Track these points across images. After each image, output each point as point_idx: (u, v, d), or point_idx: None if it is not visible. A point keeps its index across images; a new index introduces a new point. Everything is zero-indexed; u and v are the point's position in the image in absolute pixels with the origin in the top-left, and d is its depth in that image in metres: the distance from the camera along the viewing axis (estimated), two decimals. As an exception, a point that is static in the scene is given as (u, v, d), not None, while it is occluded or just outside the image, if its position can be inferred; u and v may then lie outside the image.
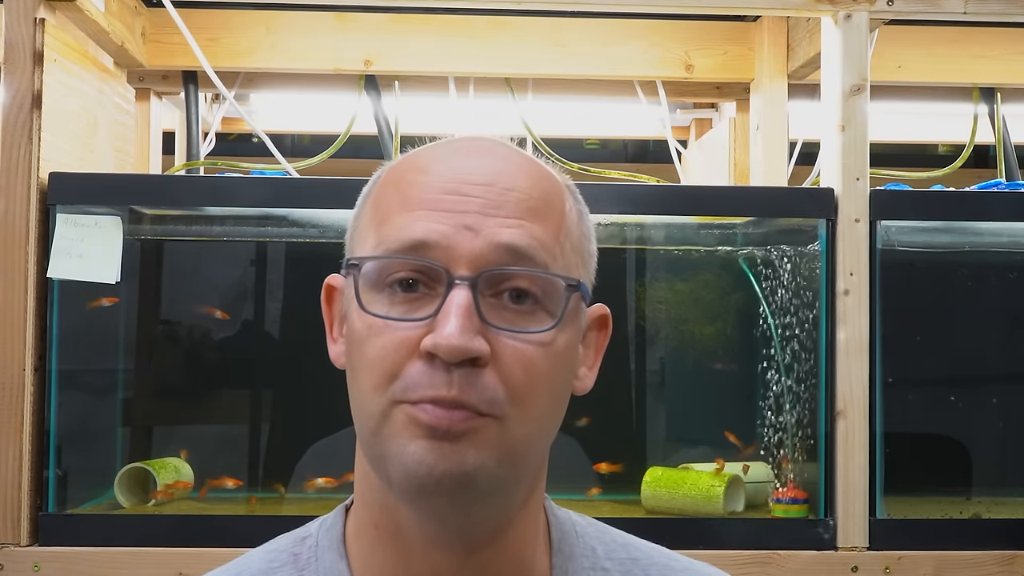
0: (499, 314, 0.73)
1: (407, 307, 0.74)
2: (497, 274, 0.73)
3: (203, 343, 1.98)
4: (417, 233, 0.74)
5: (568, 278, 0.76)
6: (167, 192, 1.78)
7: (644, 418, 2.04)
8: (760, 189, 2.01)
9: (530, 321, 0.74)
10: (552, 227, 0.77)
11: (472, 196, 0.75)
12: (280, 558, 0.82)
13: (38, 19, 1.64)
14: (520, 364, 0.73)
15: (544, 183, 0.79)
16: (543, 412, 0.76)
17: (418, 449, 0.71)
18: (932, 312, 1.96)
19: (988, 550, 1.70)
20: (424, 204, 0.75)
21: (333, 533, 0.82)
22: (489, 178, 0.76)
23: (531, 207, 0.76)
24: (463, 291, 0.72)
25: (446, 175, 0.76)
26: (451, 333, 0.70)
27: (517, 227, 0.74)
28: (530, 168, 0.80)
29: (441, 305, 0.72)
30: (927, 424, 1.97)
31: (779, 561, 1.67)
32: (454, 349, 0.70)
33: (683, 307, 1.98)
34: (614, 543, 0.87)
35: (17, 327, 1.62)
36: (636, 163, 3.00)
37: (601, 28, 2.11)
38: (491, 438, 0.72)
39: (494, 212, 0.74)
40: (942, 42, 2.13)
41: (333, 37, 2.07)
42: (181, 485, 1.82)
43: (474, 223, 0.74)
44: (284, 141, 2.87)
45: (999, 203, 1.82)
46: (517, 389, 0.73)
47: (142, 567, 1.62)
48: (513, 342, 0.73)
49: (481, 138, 0.83)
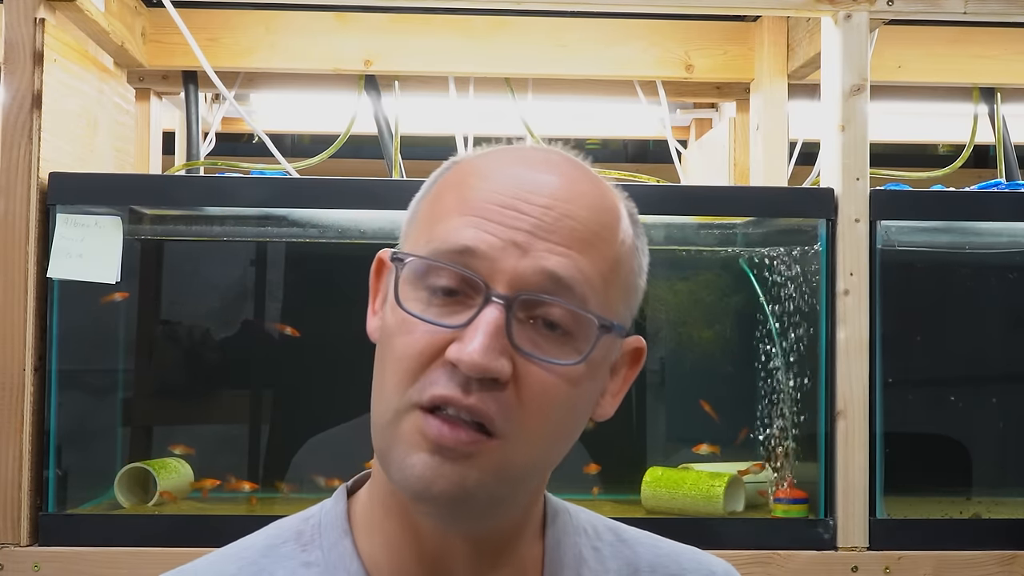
0: (529, 337, 0.74)
1: (443, 310, 0.74)
2: (533, 300, 0.74)
3: (203, 343, 1.98)
4: (466, 238, 0.74)
5: (603, 318, 0.76)
6: (167, 192, 1.78)
7: (644, 418, 2.04)
8: (760, 189, 2.01)
9: (558, 351, 0.75)
10: (600, 262, 0.76)
11: (528, 215, 0.74)
12: (284, 535, 0.84)
13: (38, 19, 1.64)
14: (540, 391, 0.74)
15: (604, 215, 0.78)
16: (550, 440, 0.77)
17: (418, 463, 0.73)
18: (932, 312, 1.96)
19: (988, 550, 1.70)
20: (479, 211, 0.75)
21: (336, 512, 0.84)
22: (549, 200, 0.75)
23: (584, 238, 0.76)
24: (496, 310, 0.72)
25: (507, 186, 0.76)
26: (475, 349, 0.71)
27: (565, 256, 0.74)
28: (594, 196, 0.79)
29: (473, 318, 0.73)
30: (927, 424, 1.97)
31: (779, 561, 1.67)
32: (476, 366, 0.71)
33: (683, 307, 1.98)
34: (604, 526, 0.90)
35: (17, 327, 1.62)
36: (636, 163, 3.00)
37: (601, 28, 2.11)
38: (494, 461, 0.74)
39: (546, 235, 0.74)
40: (942, 42, 2.13)
41: (333, 37, 2.07)
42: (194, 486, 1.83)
43: (524, 241, 0.74)
44: (284, 141, 2.87)
45: (999, 203, 1.82)
46: (531, 413, 0.74)
47: (142, 567, 1.62)
48: (536, 368, 0.74)
49: (553, 152, 0.82)
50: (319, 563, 0.81)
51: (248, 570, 0.82)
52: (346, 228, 1.85)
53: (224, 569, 0.83)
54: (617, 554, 0.87)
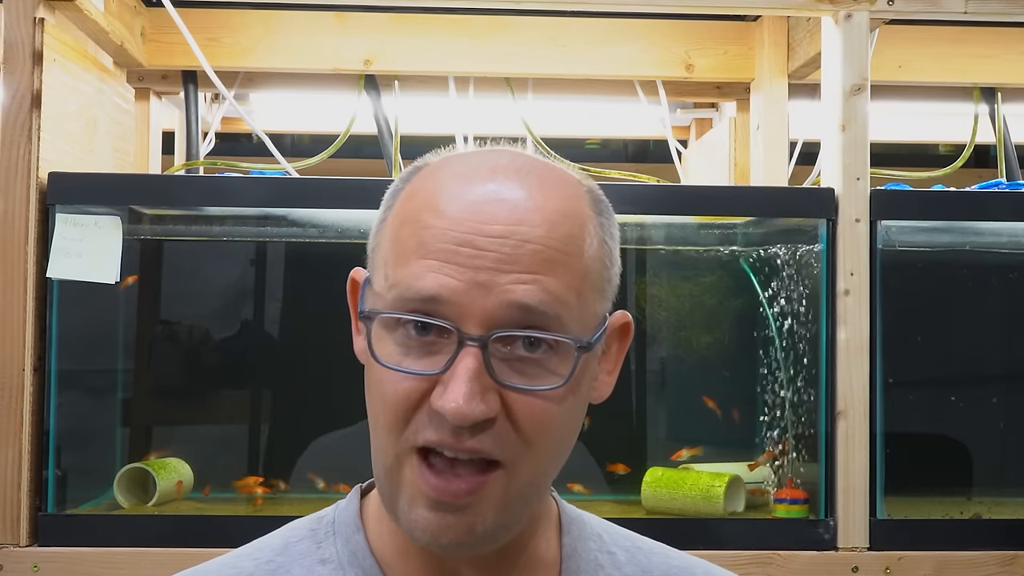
0: (512, 366, 0.74)
1: (420, 352, 0.74)
2: (506, 336, 0.74)
3: (202, 343, 1.98)
4: (430, 286, 0.73)
5: (578, 340, 0.75)
6: (167, 192, 1.78)
7: (644, 418, 2.03)
8: (760, 189, 2.01)
9: (542, 371, 0.75)
10: (567, 277, 0.75)
11: (486, 250, 0.73)
12: (298, 534, 0.86)
13: (38, 19, 1.63)
14: (532, 416, 0.74)
15: (564, 225, 0.76)
16: (551, 453, 0.78)
17: (420, 518, 0.75)
18: (932, 312, 1.96)
19: (988, 550, 1.70)
20: (438, 254, 0.74)
21: (350, 511, 0.85)
22: (505, 229, 0.74)
23: (548, 258, 0.74)
24: (472, 354, 0.72)
25: (462, 222, 0.74)
26: (457, 399, 0.72)
27: (532, 283, 0.73)
28: (551, 208, 0.76)
29: (450, 363, 0.73)
30: (927, 424, 1.97)
31: (779, 561, 1.67)
32: (462, 415, 0.72)
33: (683, 307, 1.98)
34: (618, 534, 0.91)
35: (16, 327, 1.62)
36: (636, 163, 2.99)
37: (601, 28, 2.11)
38: (498, 492, 0.75)
39: (508, 268, 0.73)
40: (942, 42, 2.13)
41: (333, 37, 2.07)
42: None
43: (487, 280, 0.73)
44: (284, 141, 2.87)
45: (999, 203, 1.82)
46: (528, 435, 0.75)
47: (142, 567, 1.62)
48: (524, 396, 0.74)
49: (502, 156, 0.80)
50: (334, 559, 0.83)
51: (265, 568, 0.84)
52: (346, 228, 1.85)
53: (242, 567, 0.84)
54: (632, 560, 0.88)
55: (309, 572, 0.83)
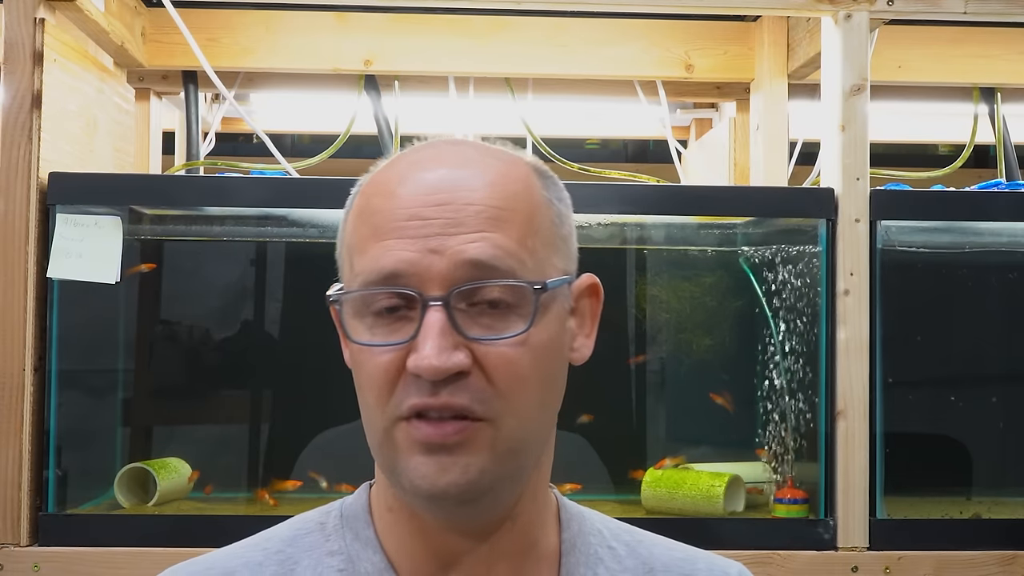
0: (476, 322, 0.77)
1: (390, 328, 0.78)
2: (467, 290, 0.77)
3: (203, 343, 1.98)
4: (387, 264, 0.77)
5: (534, 282, 0.79)
6: (167, 192, 1.78)
7: (644, 418, 2.04)
8: (760, 189, 2.01)
9: (506, 324, 0.78)
10: (515, 231, 0.79)
11: (431, 218, 0.78)
12: (307, 527, 0.87)
13: (38, 19, 1.64)
14: (503, 365, 0.77)
15: (506, 186, 0.81)
16: (534, 404, 0.79)
17: (419, 464, 0.77)
18: (932, 312, 1.96)
19: (988, 550, 1.70)
20: (390, 232, 0.78)
21: (358, 505, 0.87)
22: (447, 196, 0.78)
23: (491, 217, 0.78)
24: (436, 312, 0.76)
25: (407, 199, 0.79)
26: (428, 354, 0.75)
27: (480, 240, 0.77)
28: (491, 172, 0.81)
29: (419, 327, 0.76)
30: (927, 424, 1.97)
31: (779, 561, 1.67)
32: (434, 369, 0.75)
33: (683, 307, 1.98)
34: (619, 529, 0.92)
35: (17, 327, 1.62)
36: (636, 163, 3.00)
37: (601, 28, 2.11)
38: (486, 441, 0.77)
39: (455, 230, 0.77)
40: (942, 42, 2.13)
41: (333, 37, 2.07)
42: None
43: (438, 245, 0.77)
44: (284, 141, 2.87)
45: (999, 203, 1.82)
46: (504, 388, 0.77)
47: (142, 567, 1.62)
48: (493, 347, 0.77)
49: (441, 144, 0.85)
50: (342, 552, 0.84)
51: (274, 559, 0.85)
52: (346, 228, 1.85)
53: (250, 557, 0.86)
54: (633, 553, 0.89)
55: (318, 564, 0.84)
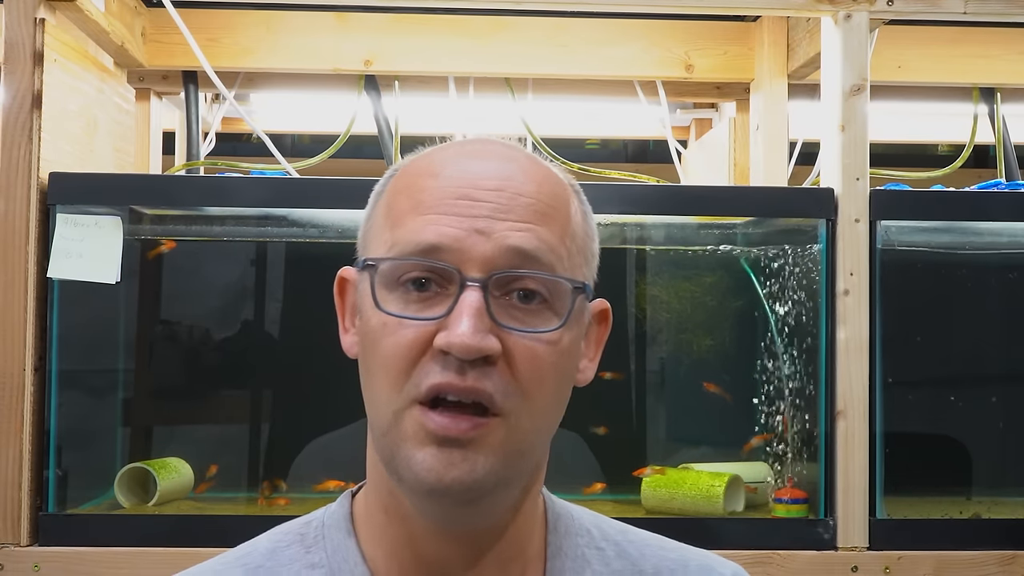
0: (509, 313, 0.76)
1: (420, 305, 0.76)
2: (507, 276, 0.76)
3: (203, 343, 1.98)
4: (430, 236, 0.76)
5: (574, 280, 0.79)
6: (167, 192, 1.78)
7: (644, 418, 2.04)
8: (760, 189, 2.01)
9: (538, 320, 0.77)
10: (558, 230, 0.79)
11: (483, 201, 0.77)
12: (287, 539, 0.86)
13: (38, 19, 1.64)
14: (529, 360, 0.76)
15: (551, 187, 0.81)
16: (548, 406, 0.79)
17: (427, 457, 0.75)
18: (932, 312, 1.96)
19: (988, 550, 1.70)
20: (436, 208, 0.77)
21: (340, 514, 0.85)
22: (499, 183, 0.78)
23: (539, 211, 0.79)
24: (475, 292, 0.75)
25: (457, 179, 0.79)
26: (464, 332, 0.73)
27: (526, 230, 0.77)
28: (538, 172, 0.82)
29: (454, 305, 0.75)
30: (927, 424, 1.97)
31: (779, 561, 1.67)
32: (468, 348, 0.73)
33: (683, 307, 1.98)
34: (610, 528, 0.91)
35: (17, 327, 1.62)
36: (636, 163, 3.00)
37: (601, 28, 2.11)
38: (498, 439, 0.76)
39: (504, 216, 0.77)
40: (942, 42, 2.13)
41: (333, 37, 2.07)
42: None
43: (485, 227, 0.76)
44: (284, 141, 2.87)
45: (999, 203, 1.82)
46: (526, 384, 0.76)
47: (142, 567, 1.62)
48: (523, 340, 0.76)
49: (490, 141, 0.85)
50: (323, 564, 0.82)
51: (254, 575, 0.83)
52: (346, 228, 1.85)
53: (229, 574, 0.84)
54: (622, 555, 0.88)
55: None
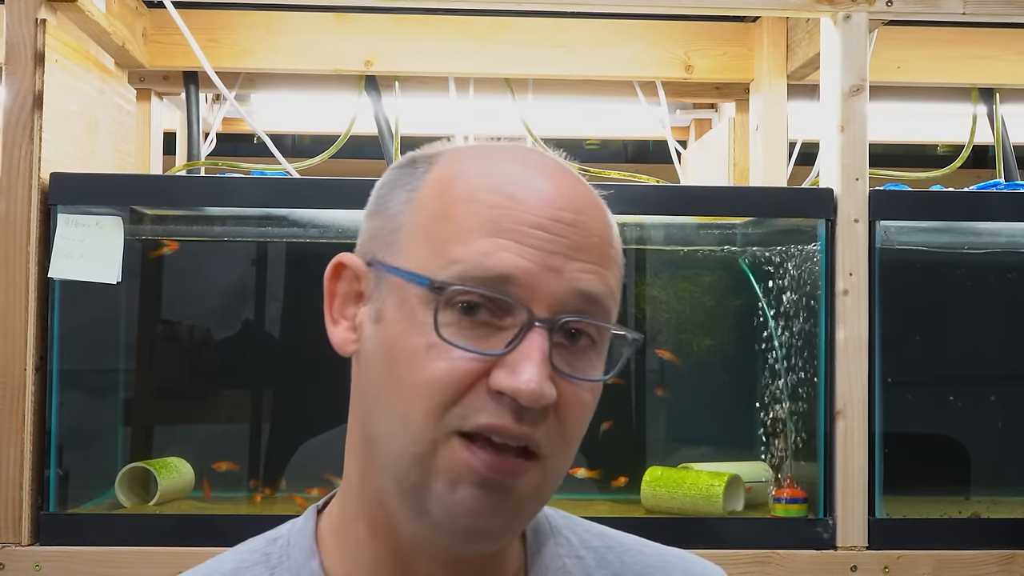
0: (561, 356, 0.73)
1: (471, 333, 0.72)
2: (573, 321, 0.73)
3: (204, 343, 1.98)
4: (502, 266, 0.71)
5: (633, 332, 0.76)
6: (168, 192, 1.79)
7: (644, 418, 2.04)
8: (760, 189, 2.02)
9: (584, 364, 0.74)
10: (616, 272, 0.77)
11: (559, 235, 0.73)
12: (252, 558, 0.82)
13: (39, 20, 1.64)
14: (576, 408, 0.74)
15: (610, 224, 0.78)
16: (574, 453, 0.77)
17: (466, 499, 0.71)
18: (931, 312, 1.96)
19: (987, 549, 1.70)
20: (511, 234, 0.72)
21: (304, 532, 0.82)
22: (576, 217, 0.74)
23: (605, 252, 0.76)
24: (541, 336, 0.71)
25: (535, 206, 0.73)
26: (531, 379, 0.70)
27: (595, 273, 0.74)
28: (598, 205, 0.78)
29: (517, 344, 0.71)
30: (926, 424, 1.97)
31: (778, 561, 1.68)
32: (535, 396, 0.70)
33: (683, 307, 1.98)
34: (588, 533, 0.88)
35: (18, 327, 1.62)
36: (636, 163, 3.00)
37: (601, 28, 2.11)
38: (535, 482, 0.73)
39: (577, 256, 0.73)
40: (941, 42, 2.14)
41: (333, 37, 2.07)
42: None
43: (558, 264, 0.72)
44: (285, 141, 2.88)
45: (998, 203, 1.82)
46: (568, 431, 0.74)
47: (143, 567, 1.62)
48: (571, 387, 0.73)
49: (545, 156, 0.80)
50: None
51: None
52: (346, 228, 1.85)
53: None
54: (602, 563, 0.85)
55: None
